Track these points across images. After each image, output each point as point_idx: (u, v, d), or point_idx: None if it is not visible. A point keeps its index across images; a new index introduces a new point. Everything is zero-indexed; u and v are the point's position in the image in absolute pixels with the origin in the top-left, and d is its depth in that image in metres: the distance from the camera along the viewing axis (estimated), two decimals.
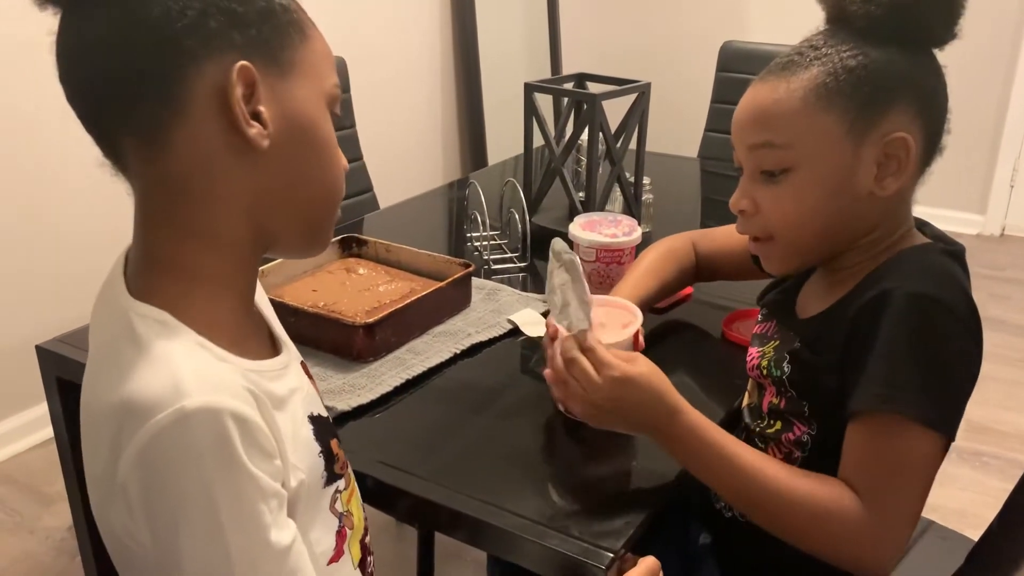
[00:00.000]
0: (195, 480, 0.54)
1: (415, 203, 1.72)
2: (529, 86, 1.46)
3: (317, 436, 0.68)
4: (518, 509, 0.81)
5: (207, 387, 0.55)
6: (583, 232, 1.23)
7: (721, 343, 1.15)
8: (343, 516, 0.71)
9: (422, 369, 1.04)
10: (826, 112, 0.77)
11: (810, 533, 0.77)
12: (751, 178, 0.83)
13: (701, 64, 2.20)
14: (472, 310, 1.19)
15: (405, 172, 2.92)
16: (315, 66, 0.64)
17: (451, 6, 3.05)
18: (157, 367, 0.55)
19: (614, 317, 0.98)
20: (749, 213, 0.84)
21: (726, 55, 2.08)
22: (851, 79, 0.77)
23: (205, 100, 0.58)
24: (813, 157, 0.79)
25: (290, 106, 0.62)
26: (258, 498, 0.56)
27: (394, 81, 2.88)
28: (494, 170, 2.12)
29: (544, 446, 0.96)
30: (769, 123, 0.80)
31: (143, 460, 0.54)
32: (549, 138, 1.47)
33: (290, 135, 0.62)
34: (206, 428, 0.54)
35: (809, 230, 0.82)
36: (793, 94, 0.78)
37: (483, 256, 1.40)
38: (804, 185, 0.80)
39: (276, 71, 0.61)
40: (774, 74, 0.81)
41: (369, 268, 1.25)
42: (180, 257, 0.61)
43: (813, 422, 0.84)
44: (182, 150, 0.59)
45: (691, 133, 2.20)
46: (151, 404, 0.54)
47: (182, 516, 0.54)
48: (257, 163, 0.61)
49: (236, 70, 0.58)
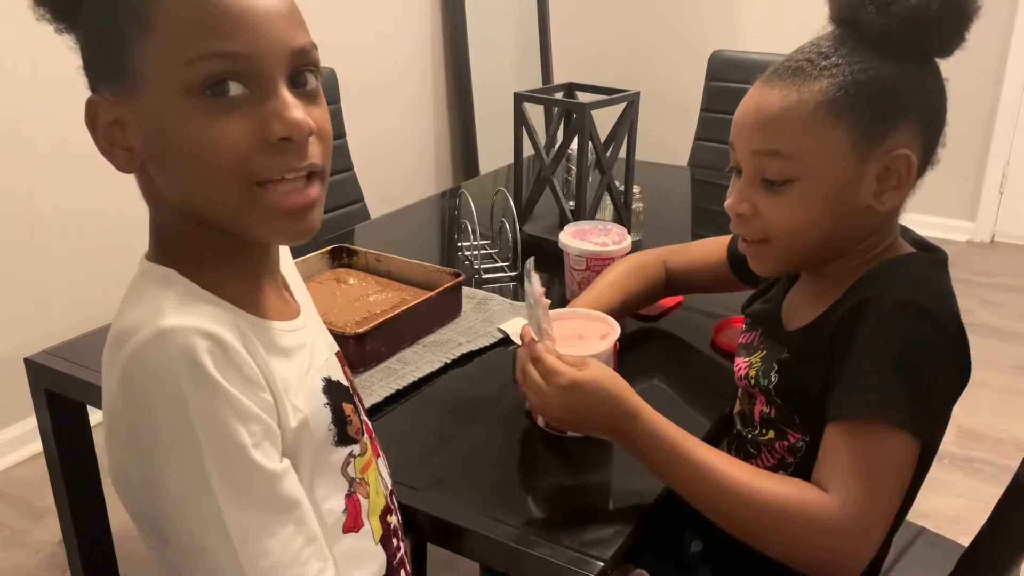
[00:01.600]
0: (168, 396, 0.55)
1: (406, 213, 1.72)
2: (519, 96, 1.47)
3: (327, 392, 0.69)
4: (508, 519, 0.81)
5: (185, 312, 0.58)
6: (573, 241, 1.23)
7: (711, 351, 1.15)
8: (355, 482, 0.71)
9: (412, 379, 1.04)
10: (834, 126, 0.77)
11: (775, 534, 0.75)
12: (751, 182, 0.82)
13: (692, 73, 2.21)
14: (463, 319, 1.19)
15: (396, 182, 2.92)
16: (164, 58, 0.57)
17: (441, 16, 3.06)
18: (147, 302, 0.60)
19: (592, 329, 0.98)
20: (747, 216, 0.83)
21: (715, 64, 2.09)
22: (862, 94, 0.76)
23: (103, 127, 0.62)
24: (818, 169, 0.78)
25: (144, 118, 0.59)
26: (232, 416, 0.57)
27: (385, 92, 2.88)
28: (486, 179, 2.12)
29: (534, 455, 0.96)
30: (778, 132, 0.78)
31: (123, 382, 0.57)
32: (539, 147, 1.48)
33: (151, 147, 0.60)
34: (178, 343, 0.56)
35: (806, 238, 0.81)
36: (804, 105, 0.77)
37: (474, 265, 1.40)
38: (806, 196, 0.79)
39: (128, 88, 0.59)
40: (782, 79, 0.79)
41: (359, 278, 1.24)
42: (171, 229, 0.65)
43: (806, 430, 0.84)
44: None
45: (682, 142, 2.20)
46: (132, 328, 0.57)
47: (160, 436, 0.56)
48: (146, 174, 0.63)
49: (87, 104, 0.61)
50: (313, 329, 0.74)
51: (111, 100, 0.60)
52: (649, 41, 3.57)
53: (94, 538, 1.21)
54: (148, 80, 0.58)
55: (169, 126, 0.58)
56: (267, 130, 0.58)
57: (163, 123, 0.58)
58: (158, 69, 0.57)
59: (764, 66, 0.83)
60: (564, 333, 0.96)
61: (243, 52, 0.57)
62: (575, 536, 0.79)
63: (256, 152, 0.58)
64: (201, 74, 0.56)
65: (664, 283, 1.15)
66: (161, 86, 0.57)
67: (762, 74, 0.82)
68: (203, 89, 0.57)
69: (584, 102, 1.40)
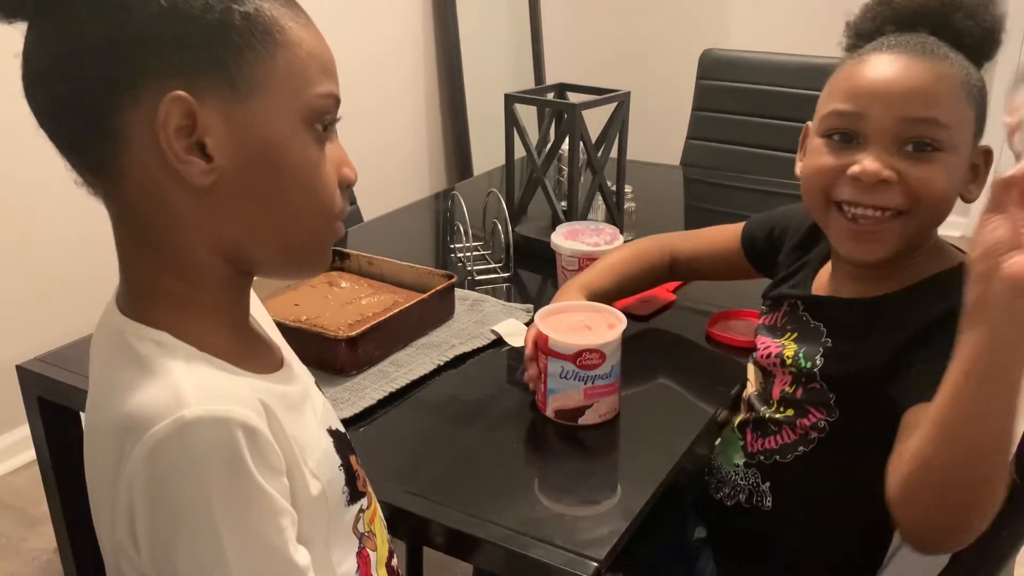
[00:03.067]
0: (196, 494, 0.51)
1: (400, 215, 1.72)
2: (509, 97, 1.47)
3: (337, 449, 0.66)
4: (503, 520, 0.81)
5: (209, 396, 0.53)
6: (565, 241, 1.24)
7: (706, 345, 1.16)
8: (364, 537, 0.69)
9: (405, 382, 1.04)
10: (969, 107, 0.80)
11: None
12: (891, 150, 0.79)
13: (684, 72, 2.21)
14: (456, 321, 1.19)
15: (390, 184, 2.92)
16: (288, 79, 0.57)
17: (433, 18, 3.06)
18: (157, 381, 0.54)
19: (598, 320, 0.99)
20: (892, 182, 0.79)
21: (706, 63, 2.09)
22: (979, 87, 0.81)
23: (144, 132, 0.54)
24: (961, 144, 0.80)
25: (249, 133, 0.56)
26: (266, 515, 0.54)
27: (377, 94, 2.88)
28: (480, 180, 2.12)
29: (528, 456, 0.96)
30: (936, 100, 0.79)
31: (141, 475, 0.52)
32: (530, 148, 1.48)
33: (249, 164, 0.56)
34: (209, 437, 0.51)
35: (945, 210, 0.81)
36: (954, 79, 0.79)
37: (467, 267, 1.40)
38: (951, 167, 0.80)
39: (230, 93, 0.55)
40: (917, 54, 0.80)
41: (352, 281, 1.24)
42: (160, 284, 0.59)
43: (836, 410, 0.86)
44: (132, 184, 0.56)
45: (674, 141, 2.21)
46: (150, 416, 0.52)
47: (181, 533, 0.52)
48: (212, 196, 0.56)
49: (167, 101, 0.53)
50: (297, 365, 0.71)
51: (194, 101, 0.54)
52: (641, 41, 3.57)
53: (89, 545, 1.20)
54: (264, 92, 0.56)
55: (287, 146, 0.58)
56: (342, 173, 0.62)
57: (277, 140, 0.57)
58: (279, 86, 0.57)
59: (755, 64, 0.84)
60: (571, 324, 0.97)
61: (337, 97, 0.62)
62: (569, 536, 0.79)
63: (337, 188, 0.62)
64: (318, 105, 0.59)
65: (667, 269, 1.16)
66: (280, 103, 0.57)
67: (870, 51, 0.82)
68: (316, 119, 0.59)
69: (575, 102, 1.40)
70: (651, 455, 0.93)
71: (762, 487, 0.94)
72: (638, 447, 0.96)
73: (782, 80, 1.98)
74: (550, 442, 0.97)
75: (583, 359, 0.93)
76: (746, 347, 1.14)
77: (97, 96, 0.54)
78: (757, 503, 0.94)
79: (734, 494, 0.96)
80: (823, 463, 0.88)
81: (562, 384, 0.95)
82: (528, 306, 1.24)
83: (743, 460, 0.96)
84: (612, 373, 0.95)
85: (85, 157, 0.57)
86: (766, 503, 0.93)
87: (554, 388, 0.96)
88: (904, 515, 0.70)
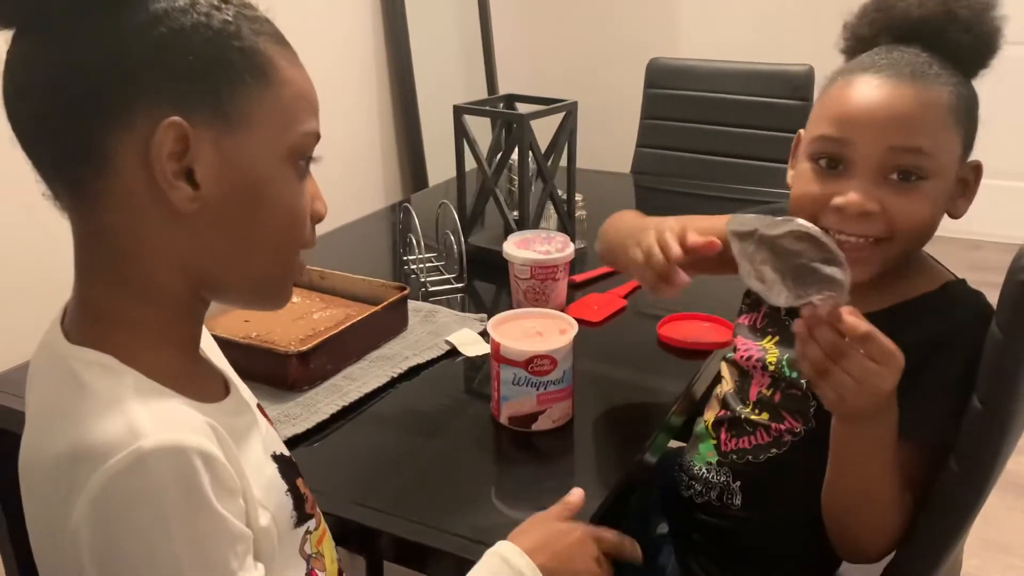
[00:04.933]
0: (155, 526, 0.51)
1: (353, 228, 1.72)
2: (458, 108, 1.48)
3: (283, 474, 0.66)
4: (457, 529, 0.81)
5: (164, 425, 0.52)
6: (517, 250, 1.24)
7: (655, 352, 1.17)
8: (311, 558, 0.69)
9: (359, 395, 1.03)
10: (956, 131, 0.80)
11: (886, 527, 0.83)
12: (876, 179, 0.80)
13: (633, 81, 2.25)
14: (410, 333, 1.19)
15: (344, 197, 2.89)
16: (277, 115, 0.58)
17: (384, 31, 3.06)
18: (107, 410, 0.53)
19: (549, 326, 1.00)
20: (874, 214, 0.80)
21: (653, 72, 2.12)
22: (968, 105, 0.81)
23: (133, 156, 0.54)
24: (946, 170, 0.81)
25: (236, 164, 0.57)
26: (225, 543, 0.54)
27: (328, 108, 2.85)
28: (435, 191, 2.12)
29: (482, 464, 0.96)
30: (921, 129, 0.79)
31: (96, 508, 0.50)
32: (481, 159, 1.49)
33: (232, 194, 0.57)
34: (167, 468, 0.51)
35: (926, 236, 0.84)
36: (938, 106, 0.79)
37: (420, 279, 1.40)
38: (935, 194, 0.81)
39: (222, 125, 0.56)
40: (906, 79, 0.79)
41: (303, 296, 1.24)
42: (117, 308, 0.59)
43: (814, 420, 0.87)
44: (110, 205, 0.56)
45: (625, 149, 2.23)
46: (104, 448, 0.51)
47: (138, 565, 0.51)
48: (192, 223, 0.57)
49: (163, 127, 0.54)
50: (244, 391, 0.71)
51: (189, 128, 0.54)
52: (592, 50, 3.62)
53: None
54: (253, 125, 0.57)
55: (271, 179, 0.59)
56: (315, 207, 0.64)
57: (262, 173, 0.59)
58: (268, 121, 0.58)
59: (701, 73, 0.85)
60: (523, 331, 0.98)
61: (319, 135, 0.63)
62: None
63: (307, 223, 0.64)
64: (303, 144, 0.61)
65: None
66: (267, 138, 0.58)
67: (861, 70, 0.82)
68: (299, 156, 0.61)
69: (523, 113, 1.42)
70: (605, 459, 0.94)
71: (732, 486, 0.95)
72: (592, 452, 0.97)
73: (728, 87, 2.02)
74: (504, 449, 0.98)
75: (535, 365, 0.94)
76: (696, 349, 1.16)
77: (85, 117, 0.54)
78: (727, 502, 0.95)
79: (705, 492, 0.98)
80: (795, 466, 0.90)
81: (515, 391, 0.95)
82: (482, 315, 1.24)
83: (716, 459, 0.97)
84: (564, 378, 0.96)
85: (63, 175, 0.57)
86: (736, 502, 0.95)
87: (507, 395, 0.96)
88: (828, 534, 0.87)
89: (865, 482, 0.80)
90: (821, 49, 1.07)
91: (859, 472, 0.80)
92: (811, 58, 1.98)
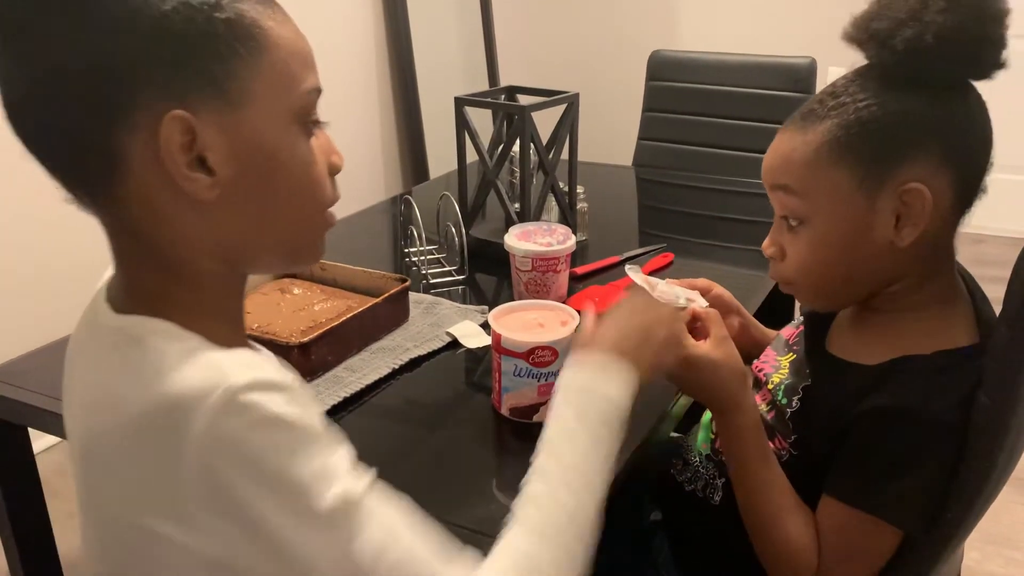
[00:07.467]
0: (267, 450, 0.52)
1: (355, 220, 1.72)
2: (460, 100, 1.47)
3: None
4: (459, 519, 0.81)
5: (243, 365, 0.53)
6: (518, 242, 1.24)
7: None
8: None
9: (360, 387, 1.03)
10: (836, 167, 0.77)
11: (769, 557, 0.86)
12: (777, 223, 0.85)
13: (635, 74, 2.24)
14: (410, 325, 1.19)
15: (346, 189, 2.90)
16: (276, 80, 0.57)
17: (385, 24, 3.05)
18: (183, 362, 0.54)
19: (551, 318, 1.00)
20: (776, 259, 0.86)
21: (655, 64, 2.12)
22: (862, 133, 0.76)
23: (143, 155, 0.54)
24: (826, 211, 0.79)
25: (245, 140, 0.57)
26: (336, 443, 0.57)
27: (330, 100, 2.85)
28: (436, 183, 2.12)
29: (484, 455, 0.96)
30: (787, 170, 0.81)
31: (207, 450, 0.51)
32: (482, 151, 1.48)
33: (247, 170, 0.57)
34: (261, 399, 0.52)
35: (827, 279, 0.83)
36: (808, 146, 0.79)
37: (422, 271, 1.40)
38: (818, 237, 0.80)
39: (223, 105, 0.55)
40: (795, 124, 0.81)
41: (304, 288, 1.24)
42: (166, 291, 0.60)
43: (796, 449, 0.87)
44: (132, 205, 0.56)
45: (627, 142, 2.23)
46: (195, 392, 0.52)
47: (264, 490, 0.52)
48: (215, 207, 0.57)
49: (167, 122, 0.53)
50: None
51: (192, 118, 0.54)
52: (594, 42, 3.61)
53: (42, 568, 1.18)
54: (255, 97, 0.56)
55: (281, 146, 0.59)
56: (331, 161, 0.64)
57: (271, 142, 0.58)
58: (267, 88, 0.57)
59: (702, 65, 0.85)
60: (524, 323, 0.98)
61: (320, 88, 0.62)
62: None
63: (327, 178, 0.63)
64: (306, 102, 0.60)
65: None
66: (270, 106, 0.57)
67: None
68: (305, 116, 0.60)
69: (524, 105, 1.42)
70: None
71: (716, 481, 0.96)
72: None
73: (729, 79, 2.02)
74: (506, 440, 0.98)
75: (536, 356, 0.94)
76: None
77: (88, 121, 0.54)
78: (708, 495, 0.96)
79: (693, 480, 0.99)
80: None
81: (516, 382, 0.95)
82: (483, 307, 1.24)
83: (708, 451, 0.98)
84: None
85: (80, 180, 0.57)
86: (716, 497, 0.95)
87: (508, 386, 0.96)
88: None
89: (747, 492, 0.87)
90: (823, 41, 1.07)
91: (742, 482, 0.87)
92: (813, 50, 1.97)
